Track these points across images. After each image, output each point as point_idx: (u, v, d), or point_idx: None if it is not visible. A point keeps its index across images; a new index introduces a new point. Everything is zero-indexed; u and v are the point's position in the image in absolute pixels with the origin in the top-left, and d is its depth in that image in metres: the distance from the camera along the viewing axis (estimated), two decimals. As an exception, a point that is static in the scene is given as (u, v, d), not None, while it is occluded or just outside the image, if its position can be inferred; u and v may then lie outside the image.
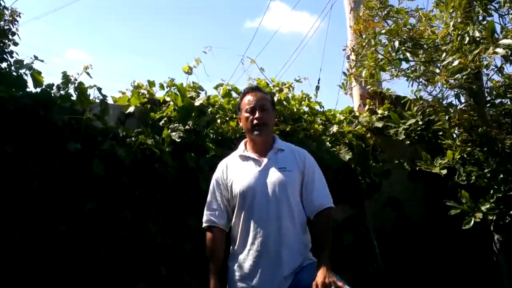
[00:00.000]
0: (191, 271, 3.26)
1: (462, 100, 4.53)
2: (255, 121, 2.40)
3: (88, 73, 3.14)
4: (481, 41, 3.43)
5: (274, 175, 2.37)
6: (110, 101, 3.48)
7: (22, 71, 2.93)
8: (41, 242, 2.81)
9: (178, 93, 3.57)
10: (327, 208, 2.40)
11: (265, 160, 2.42)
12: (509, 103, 4.21)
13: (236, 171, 2.42)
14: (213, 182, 2.52)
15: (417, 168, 4.08)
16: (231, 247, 2.48)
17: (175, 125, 3.38)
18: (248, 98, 2.47)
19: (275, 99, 3.65)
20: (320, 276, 2.14)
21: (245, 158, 2.47)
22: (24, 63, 2.98)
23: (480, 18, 3.70)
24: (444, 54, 3.60)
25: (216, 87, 4.02)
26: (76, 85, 3.06)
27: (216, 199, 2.46)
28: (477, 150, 4.02)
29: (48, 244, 2.82)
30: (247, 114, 2.44)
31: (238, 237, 2.39)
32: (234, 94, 4.01)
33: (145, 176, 3.18)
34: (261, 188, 2.35)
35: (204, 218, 2.47)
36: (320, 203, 2.40)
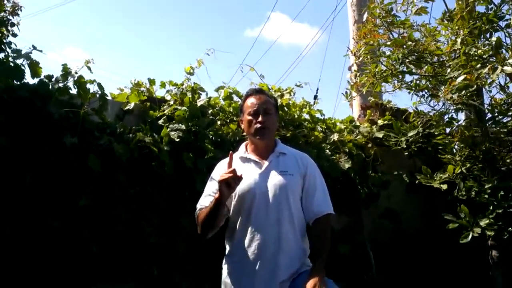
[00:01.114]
0: (182, 272, 3.22)
1: (463, 116, 4.54)
2: (258, 125, 2.34)
3: (89, 68, 3.10)
4: (488, 58, 3.41)
5: (275, 178, 2.31)
6: (108, 98, 3.43)
7: (19, 61, 2.88)
8: (32, 237, 2.75)
9: (184, 93, 3.54)
10: (326, 215, 2.35)
11: (266, 163, 2.36)
12: (510, 120, 4.19)
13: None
14: (210, 179, 2.46)
15: (417, 182, 4.05)
16: (227, 249, 2.42)
17: (175, 125, 3.34)
18: (252, 100, 2.40)
19: (276, 104, 3.62)
20: (311, 282, 2.10)
21: (245, 159, 2.41)
22: (22, 53, 2.93)
23: (488, 35, 3.68)
24: (448, 70, 3.58)
25: (217, 90, 3.99)
26: (75, 78, 3.01)
27: (210, 195, 2.38)
28: (478, 166, 3.99)
29: (39, 239, 2.76)
30: (249, 117, 2.37)
31: (235, 237, 2.33)
32: (235, 98, 3.98)
33: (141, 174, 3.13)
34: (261, 191, 2.28)
35: (197, 208, 2.38)
36: (320, 209, 2.35)
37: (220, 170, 2.43)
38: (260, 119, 2.33)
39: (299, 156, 2.46)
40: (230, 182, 2.12)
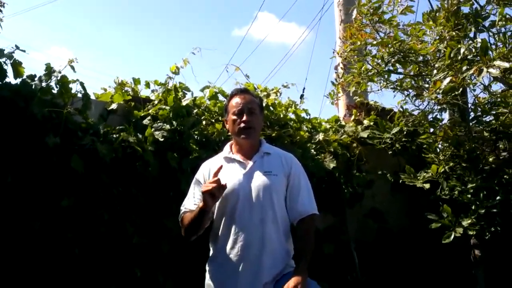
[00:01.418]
0: (166, 272, 3.20)
1: (447, 115, 4.57)
2: (242, 125, 2.34)
3: (72, 67, 3.06)
4: (473, 59, 3.43)
5: (259, 179, 2.31)
6: (92, 97, 3.40)
7: (1, 60, 2.83)
8: (13, 238, 2.71)
9: (168, 92, 3.53)
10: (311, 215, 2.36)
11: (250, 163, 2.36)
12: (493, 120, 4.23)
13: (220, 173, 2.36)
14: (194, 180, 2.45)
15: (400, 181, 4.07)
16: (210, 251, 2.41)
17: (159, 124, 3.32)
18: (236, 100, 2.40)
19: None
20: (292, 282, 2.11)
21: (230, 160, 2.40)
22: (5, 52, 2.89)
23: (471, 35, 3.71)
24: (435, 71, 3.60)
25: (202, 89, 3.97)
26: (58, 78, 2.98)
27: (194, 197, 2.38)
28: (462, 165, 4.02)
29: (20, 240, 2.73)
30: (234, 117, 2.37)
31: (219, 239, 2.33)
32: (220, 97, 3.97)
33: (125, 174, 3.11)
34: (245, 192, 2.28)
35: (181, 210, 2.40)
36: (304, 210, 2.36)
37: (205, 171, 2.43)
38: (244, 118, 2.34)
39: (284, 156, 2.47)
40: (214, 192, 2.13)
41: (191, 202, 2.37)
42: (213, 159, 2.51)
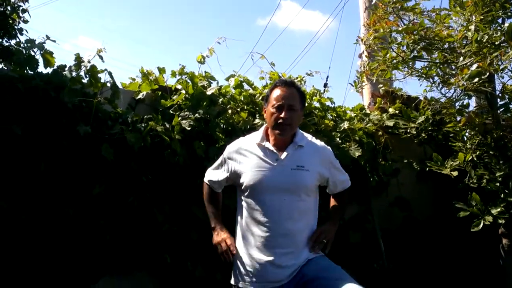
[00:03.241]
0: (195, 260, 3.24)
1: (474, 103, 4.51)
2: (280, 121, 2.30)
3: (101, 57, 3.10)
4: (501, 44, 3.37)
5: (290, 173, 2.29)
6: (120, 87, 3.44)
7: (33, 50, 2.89)
8: (48, 224, 2.78)
9: (189, 81, 3.55)
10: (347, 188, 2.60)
11: (283, 155, 2.33)
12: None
13: (250, 160, 2.34)
14: (224, 155, 2.49)
15: (427, 169, 4.03)
16: (237, 240, 2.42)
17: (186, 113, 3.35)
18: (278, 93, 2.34)
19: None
20: (318, 231, 2.35)
21: (263, 148, 2.36)
22: (36, 43, 2.95)
23: (500, 21, 3.64)
24: (461, 58, 3.55)
25: (227, 78, 3.98)
26: (88, 68, 3.02)
27: (219, 174, 2.51)
28: (489, 153, 3.97)
29: (56, 226, 2.80)
30: (273, 110, 2.32)
31: (244, 230, 2.36)
32: (245, 86, 3.98)
33: (153, 163, 3.15)
34: (274, 185, 2.27)
35: (207, 178, 2.59)
36: (344, 187, 2.58)
37: (231, 151, 2.45)
38: (283, 115, 2.29)
39: (317, 149, 2.44)
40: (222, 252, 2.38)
41: (215, 176, 2.52)
42: (245, 140, 2.47)
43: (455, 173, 3.82)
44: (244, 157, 2.38)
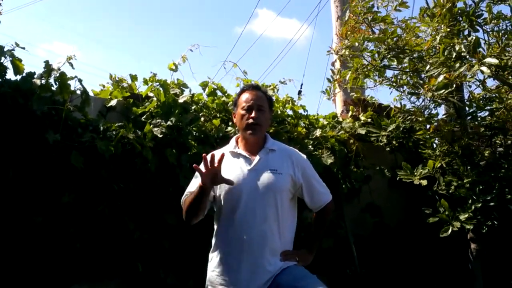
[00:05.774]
0: (167, 267, 3.22)
1: (443, 110, 4.61)
2: (250, 121, 2.34)
3: (71, 64, 3.07)
4: (467, 56, 3.46)
5: (263, 176, 2.31)
6: (90, 94, 3.41)
7: (4, 57, 2.85)
8: (15, 232, 2.73)
9: (161, 88, 3.55)
10: (330, 201, 2.52)
11: (255, 159, 2.36)
12: (488, 115, 4.27)
13: (224, 166, 2.37)
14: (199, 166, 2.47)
15: (398, 178, 4.10)
16: (212, 246, 2.41)
17: (158, 120, 3.34)
18: (246, 96, 2.41)
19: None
20: (293, 251, 2.37)
21: (235, 154, 2.41)
22: (5, 50, 2.90)
23: (466, 32, 3.73)
24: (428, 66, 3.63)
25: (201, 85, 3.99)
26: (57, 75, 2.99)
27: (196, 184, 2.36)
28: (457, 160, 4.06)
29: (23, 234, 2.75)
30: (243, 112, 2.38)
31: (220, 234, 2.36)
32: (219, 93, 3.99)
33: (125, 171, 3.13)
34: (249, 188, 2.29)
35: (185, 192, 2.41)
36: (324, 199, 2.50)
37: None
38: (253, 114, 2.34)
39: (289, 153, 2.46)
40: (212, 174, 2.14)
41: (193, 187, 2.37)
42: (218, 151, 2.48)
43: (424, 182, 3.89)
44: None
